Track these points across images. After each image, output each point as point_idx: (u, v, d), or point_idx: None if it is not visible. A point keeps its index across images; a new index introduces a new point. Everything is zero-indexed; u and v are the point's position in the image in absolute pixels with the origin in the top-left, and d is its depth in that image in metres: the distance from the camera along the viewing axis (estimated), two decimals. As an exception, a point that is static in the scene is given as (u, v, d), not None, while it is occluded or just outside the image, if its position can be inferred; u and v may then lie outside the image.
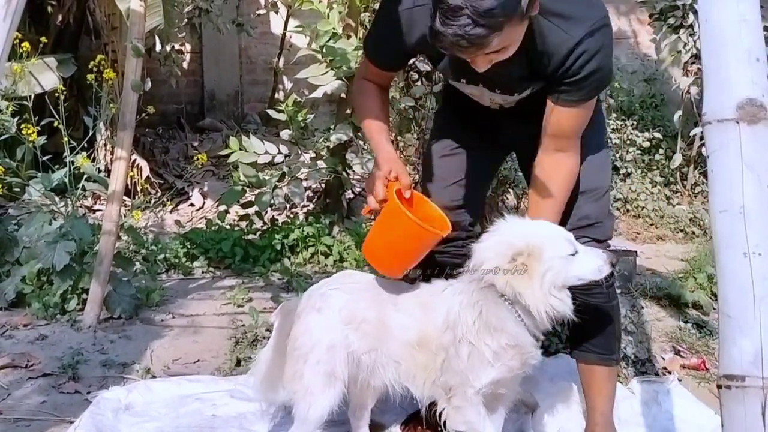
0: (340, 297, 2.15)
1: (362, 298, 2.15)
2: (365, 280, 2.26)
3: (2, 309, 3.40)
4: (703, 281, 3.84)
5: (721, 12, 1.23)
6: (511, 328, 1.99)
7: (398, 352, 2.09)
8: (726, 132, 1.21)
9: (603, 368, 2.35)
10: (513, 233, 1.99)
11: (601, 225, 2.26)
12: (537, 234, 1.98)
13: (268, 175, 4.30)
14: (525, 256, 1.92)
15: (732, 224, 1.19)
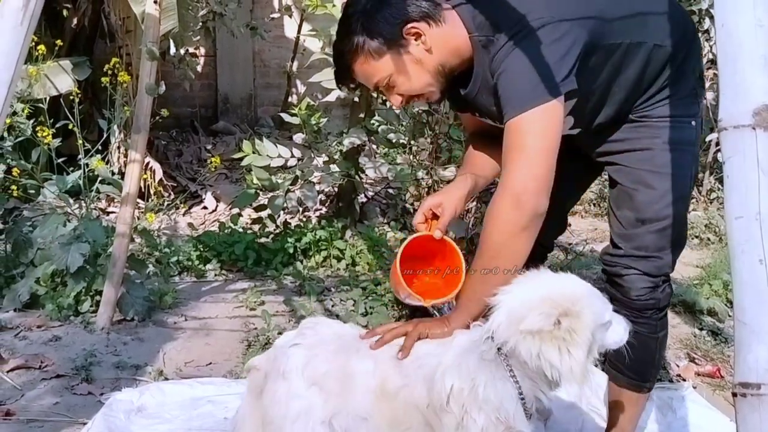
0: (301, 355, 1.82)
1: (324, 351, 1.83)
2: (331, 331, 1.91)
3: (16, 310, 3.42)
4: (719, 288, 3.81)
5: (738, 17, 1.23)
6: (509, 406, 1.64)
7: (363, 404, 1.75)
8: (742, 138, 1.20)
9: (631, 393, 2.22)
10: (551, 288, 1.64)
11: (656, 259, 2.03)
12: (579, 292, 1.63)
13: (281, 179, 4.30)
14: (570, 319, 1.56)
15: (748, 230, 1.18)
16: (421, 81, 1.91)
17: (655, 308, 2.07)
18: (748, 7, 1.21)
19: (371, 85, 1.95)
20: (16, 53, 1.39)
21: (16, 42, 1.39)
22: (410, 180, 4.52)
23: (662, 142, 1.98)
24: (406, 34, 1.85)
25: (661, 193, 1.99)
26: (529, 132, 1.75)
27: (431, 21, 1.87)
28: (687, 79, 1.99)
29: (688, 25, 2.03)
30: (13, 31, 1.39)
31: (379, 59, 1.87)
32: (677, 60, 1.95)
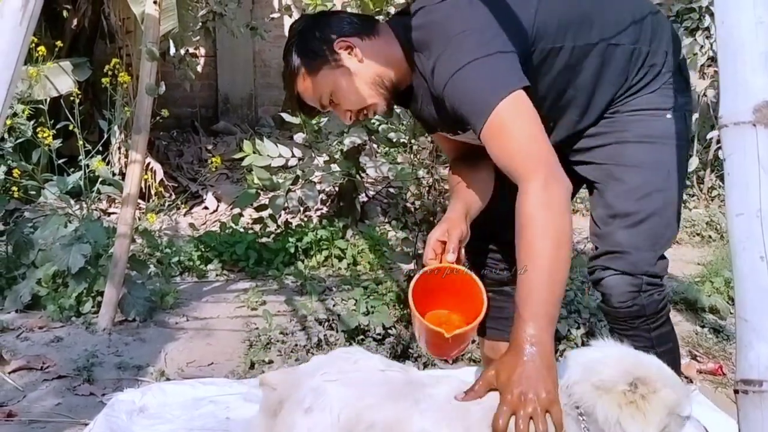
0: (339, 393, 1.50)
1: (371, 394, 1.52)
2: (374, 366, 1.62)
3: (18, 311, 3.43)
4: (720, 285, 3.81)
5: (738, 14, 1.22)
6: None
7: None
8: (742, 135, 1.20)
9: None
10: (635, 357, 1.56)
11: (630, 255, 1.92)
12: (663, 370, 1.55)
13: (281, 179, 4.30)
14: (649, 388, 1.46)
15: (749, 227, 1.18)
16: (361, 93, 1.91)
17: (642, 316, 1.95)
18: (748, 5, 1.21)
19: (317, 104, 1.97)
20: (16, 53, 1.39)
21: (16, 42, 1.39)
22: (411, 179, 4.51)
23: (632, 136, 1.93)
24: (338, 48, 1.89)
25: (631, 187, 1.93)
26: (509, 125, 1.68)
27: (363, 35, 1.91)
28: (658, 72, 1.93)
29: (645, 17, 1.95)
30: (12, 31, 1.39)
31: (315, 76, 1.90)
32: (642, 54, 1.92)
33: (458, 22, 1.79)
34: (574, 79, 1.91)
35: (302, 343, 3.14)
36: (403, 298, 3.42)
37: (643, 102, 1.94)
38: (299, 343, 3.14)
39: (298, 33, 1.93)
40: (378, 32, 1.93)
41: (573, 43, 1.86)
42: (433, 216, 3.27)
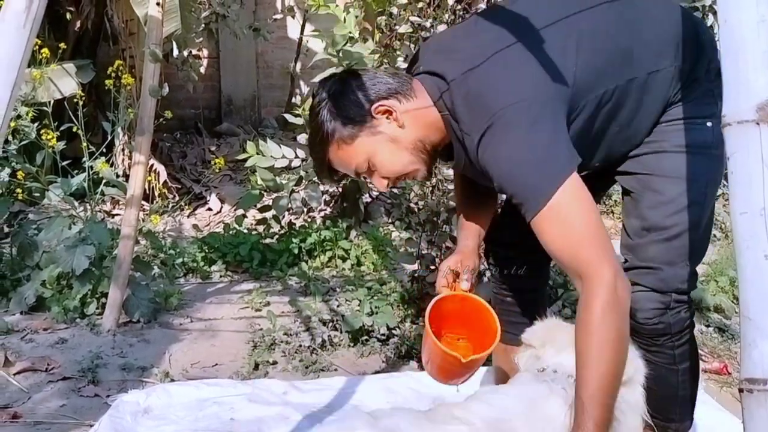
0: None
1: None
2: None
3: (22, 313, 3.43)
4: (725, 284, 3.81)
5: (740, 13, 1.22)
6: None
7: None
8: (746, 133, 1.20)
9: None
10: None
11: (661, 272, 1.84)
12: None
13: (285, 179, 4.31)
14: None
15: (753, 226, 1.18)
16: (402, 160, 1.80)
17: (666, 334, 1.88)
18: (751, 3, 1.21)
19: (351, 171, 1.85)
20: (19, 56, 1.39)
21: (19, 45, 1.39)
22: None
23: (672, 146, 1.83)
24: (376, 113, 1.76)
25: (669, 198, 1.83)
26: (567, 217, 1.58)
27: (401, 97, 1.78)
28: (699, 83, 1.84)
29: (688, 30, 1.83)
30: (15, 33, 1.39)
31: (352, 143, 1.78)
32: (684, 71, 1.82)
33: (501, 93, 1.65)
34: (617, 116, 1.80)
35: (306, 343, 3.14)
36: (407, 299, 3.42)
37: (682, 111, 1.84)
38: (303, 343, 3.14)
39: (330, 96, 1.78)
40: (414, 92, 1.79)
41: (615, 84, 1.76)
42: (437, 216, 3.27)
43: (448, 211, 3.23)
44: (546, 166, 1.60)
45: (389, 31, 3.74)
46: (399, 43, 3.39)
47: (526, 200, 1.61)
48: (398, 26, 3.38)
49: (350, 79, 1.81)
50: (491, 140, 1.63)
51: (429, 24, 3.23)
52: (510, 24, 1.74)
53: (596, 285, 1.53)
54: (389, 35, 3.62)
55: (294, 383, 2.82)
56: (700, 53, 1.83)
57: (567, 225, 1.58)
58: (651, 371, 1.84)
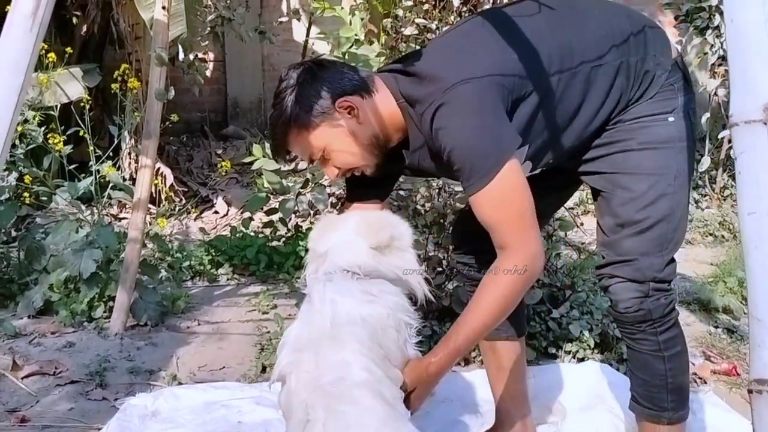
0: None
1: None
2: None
3: (30, 317, 3.44)
4: (734, 285, 3.79)
5: (747, 13, 1.22)
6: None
7: None
8: (753, 133, 1.19)
9: (649, 424, 2.05)
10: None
11: (636, 262, 1.93)
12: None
13: (291, 182, 4.31)
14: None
15: (761, 226, 1.17)
16: (356, 154, 1.90)
17: (647, 320, 1.95)
18: (757, 3, 1.21)
19: (306, 157, 1.95)
20: (26, 60, 1.40)
21: (26, 49, 1.40)
22: (421, 181, 4.51)
23: (637, 143, 1.92)
24: (339, 107, 1.84)
25: (637, 194, 1.91)
26: (501, 196, 1.74)
27: (364, 93, 1.87)
28: (655, 78, 1.91)
29: (632, 26, 1.93)
30: (23, 38, 1.39)
31: (312, 132, 1.86)
32: (631, 65, 1.89)
33: (454, 70, 1.78)
34: (561, 107, 1.89)
35: (313, 346, 3.14)
36: (414, 301, 3.41)
37: (644, 109, 1.92)
38: (310, 346, 3.14)
39: (297, 84, 1.86)
40: (376, 89, 1.90)
41: (558, 76, 1.85)
42: (444, 218, 3.27)
43: (454, 213, 3.22)
44: (493, 145, 1.74)
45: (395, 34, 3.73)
46: (405, 45, 3.38)
47: (471, 176, 1.74)
48: (404, 28, 3.37)
49: (318, 70, 1.89)
50: (444, 114, 1.76)
51: (435, 26, 3.23)
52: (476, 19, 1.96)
53: (516, 254, 1.73)
54: (395, 37, 3.61)
55: (301, 386, 2.81)
56: (645, 47, 1.91)
57: (504, 203, 1.75)
58: (638, 360, 2.01)
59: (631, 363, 2.08)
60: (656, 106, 1.91)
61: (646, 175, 1.91)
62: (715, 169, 5.87)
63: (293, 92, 1.86)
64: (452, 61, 1.83)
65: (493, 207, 1.76)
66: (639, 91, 1.91)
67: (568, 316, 3.08)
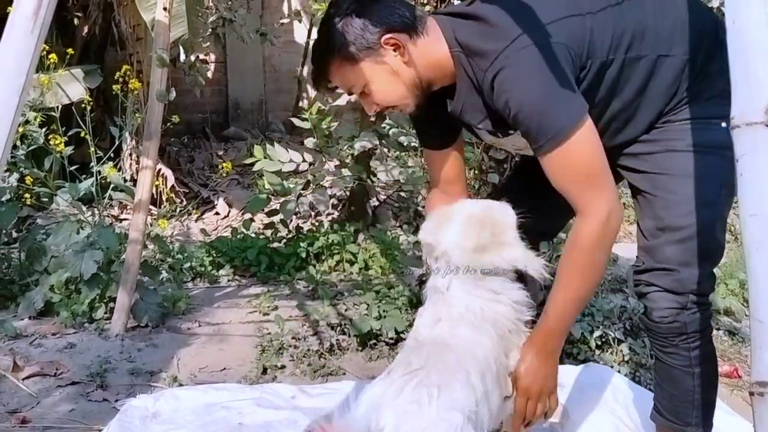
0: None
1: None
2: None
3: (31, 318, 3.44)
4: (735, 287, 3.79)
5: (749, 14, 1.21)
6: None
7: None
8: (755, 135, 1.19)
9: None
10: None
11: (677, 273, 1.85)
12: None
13: (292, 183, 4.31)
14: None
15: (762, 228, 1.17)
16: (397, 93, 1.87)
17: (682, 333, 1.88)
18: (759, 4, 1.20)
19: (346, 89, 1.92)
20: (28, 61, 1.40)
21: (28, 50, 1.40)
22: (422, 182, 4.52)
23: (685, 145, 1.84)
24: (385, 43, 1.81)
25: (682, 198, 1.83)
26: (577, 157, 1.72)
27: (413, 32, 1.83)
28: (713, 81, 1.83)
29: (706, 25, 1.86)
30: (24, 39, 1.39)
31: (355, 65, 1.83)
32: (696, 64, 1.83)
33: (523, 27, 1.72)
34: (620, 91, 1.85)
35: (314, 347, 3.14)
36: (416, 303, 3.42)
37: (696, 111, 1.85)
38: (311, 347, 3.14)
39: (345, 14, 1.81)
40: (427, 30, 1.84)
41: (624, 56, 1.80)
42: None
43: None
44: (565, 105, 1.70)
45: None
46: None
47: (543, 136, 1.71)
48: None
49: (369, 1, 1.83)
50: (508, 76, 1.71)
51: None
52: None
53: (592, 219, 1.73)
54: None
55: (302, 387, 2.81)
56: (715, 50, 1.82)
57: (576, 164, 1.73)
58: (667, 373, 1.95)
59: (658, 375, 2.02)
60: (709, 110, 1.84)
61: (691, 179, 1.84)
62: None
63: (341, 21, 1.81)
64: (522, 16, 1.74)
65: (563, 168, 1.74)
66: (696, 90, 1.86)
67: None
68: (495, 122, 1.88)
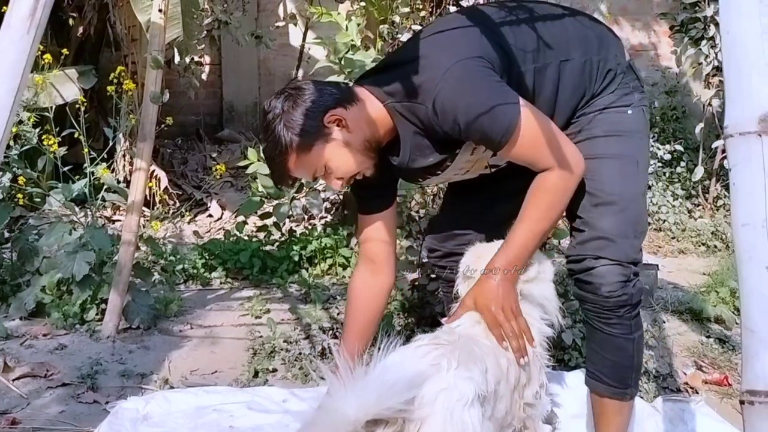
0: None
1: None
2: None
3: (22, 319, 3.43)
4: (726, 295, 3.79)
5: (743, 24, 1.22)
6: None
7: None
8: (748, 145, 1.20)
9: (614, 401, 2.17)
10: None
11: (617, 243, 2.02)
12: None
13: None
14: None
15: (754, 238, 1.18)
16: (355, 161, 2.00)
17: (628, 305, 2.04)
18: (754, 14, 1.21)
19: (310, 177, 2.05)
20: (23, 62, 1.39)
21: (23, 51, 1.39)
22: (415, 187, 4.52)
23: (600, 131, 2.07)
24: (328, 122, 1.95)
25: (608, 177, 2.05)
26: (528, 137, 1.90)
27: (346, 104, 1.97)
28: (614, 76, 2.09)
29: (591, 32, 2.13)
30: (19, 39, 1.39)
31: (309, 152, 1.95)
32: (594, 63, 2.07)
33: (444, 57, 1.93)
34: (539, 95, 2.04)
35: (306, 351, 3.14)
36: (408, 307, 3.43)
37: (605, 101, 2.08)
38: (303, 351, 3.14)
39: (284, 111, 1.95)
40: (356, 97, 2.01)
41: (533, 65, 2.01)
42: (438, 225, 3.27)
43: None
44: (503, 98, 1.89)
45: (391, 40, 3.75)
46: (401, 52, 3.39)
47: (499, 132, 1.89)
48: (400, 34, 3.39)
49: (298, 93, 1.98)
50: (447, 94, 1.89)
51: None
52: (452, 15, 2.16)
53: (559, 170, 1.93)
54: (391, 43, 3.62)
55: (293, 391, 2.81)
56: (606, 49, 2.10)
57: (534, 139, 1.91)
58: (610, 344, 2.11)
59: (598, 346, 2.14)
60: (616, 100, 2.09)
61: (613, 159, 2.06)
62: (709, 179, 5.89)
63: (281, 121, 1.95)
64: (438, 49, 1.98)
65: (524, 148, 1.91)
66: (601, 86, 2.08)
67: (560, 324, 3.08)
68: (443, 149, 2.05)
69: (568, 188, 1.97)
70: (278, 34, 7.10)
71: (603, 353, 2.13)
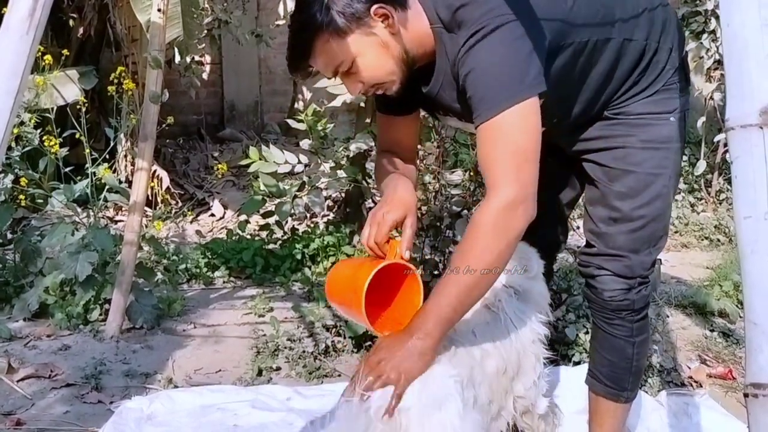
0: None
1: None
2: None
3: (26, 319, 3.43)
4: (729, 289, 3.79)
5: (743, 17, 1.22)
6: None
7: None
8: (749, 138, 1.19)
9: (608, 402, 2.15)
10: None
11: (627, 260, 1.97)
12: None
13: (288, 185, 4.30)
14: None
15: (757, 230, 1.17)
16: (386, 68, 1.76)
17: (629, 309, 2.02)
18: (754, 7, 1.21)
19: (331, 68, 1.78)
20: (23, 62, 1.39)
21: (23, 51, 1.39)
22: (417, 184, 4.52)
23: (638, 140, 1.93)
24: (374, 14, 1.69)
25: (635, 192, 1.94)
26: (509, 133, 1.62)
27: (398, 4, 1.73)
28: (662, 71, 1.92)
29: (657, 15, 1.92)
30: (19, 40, 1.39)
31: (344, 38, 1.70)
32: (650, 51, 1.90)
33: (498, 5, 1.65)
34: (589, 73, 1.87)
35: (310, 349, 3.14)
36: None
37: (647, 107, 1.93)
38: (307, 349, 3.13)
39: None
40: (410, 4, 1.76)
41: (596, 37, 1.81)
42: (440, 221, 3.27)
43: (451, 216, 3.22)
44: (513, 79, 1.63)
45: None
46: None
47: (483, 103, 1.64)
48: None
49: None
50: (475, 42, 1.64)
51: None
52: None
53: (498, 199, 1.61)
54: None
55: (297, 389, 2.81)
56: (666, 36, 1.92)
57: (505, 140, 1.62)
58: (610, 344, 2.09)
59: (599, 344, 2.14)
60: (659, 105, 1.93)
61: (645, 174, 1.93)
62: (711, 173, 5.89)
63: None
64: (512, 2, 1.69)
65: (491, 141, 1.64)
66: (645, 80, 1.92)
67: (564, 319, 3.08)
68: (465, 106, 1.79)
69: (507, 231, 1.63)
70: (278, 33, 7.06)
71: (602, 352, 2.13)
